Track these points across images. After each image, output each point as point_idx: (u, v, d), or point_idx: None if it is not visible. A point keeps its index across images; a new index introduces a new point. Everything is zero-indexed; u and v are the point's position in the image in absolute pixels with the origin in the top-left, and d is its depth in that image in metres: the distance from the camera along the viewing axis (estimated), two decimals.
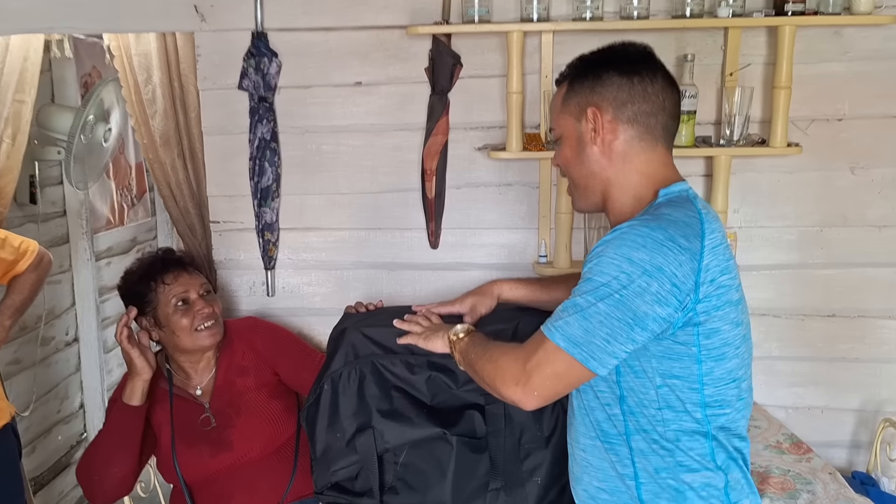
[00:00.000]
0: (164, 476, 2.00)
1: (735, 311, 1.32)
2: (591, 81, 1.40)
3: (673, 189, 1.37)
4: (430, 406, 1.68)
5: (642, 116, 1.37)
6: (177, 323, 1.96)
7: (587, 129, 1.39)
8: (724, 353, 1.31)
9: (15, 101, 2.45)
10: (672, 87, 1.40)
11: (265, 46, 2.21)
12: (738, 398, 1.36)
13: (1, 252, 2.19)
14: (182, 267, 2.02)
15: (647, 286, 1.23)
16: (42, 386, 3.22)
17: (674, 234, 1.25)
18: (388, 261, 2.38)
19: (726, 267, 1.30)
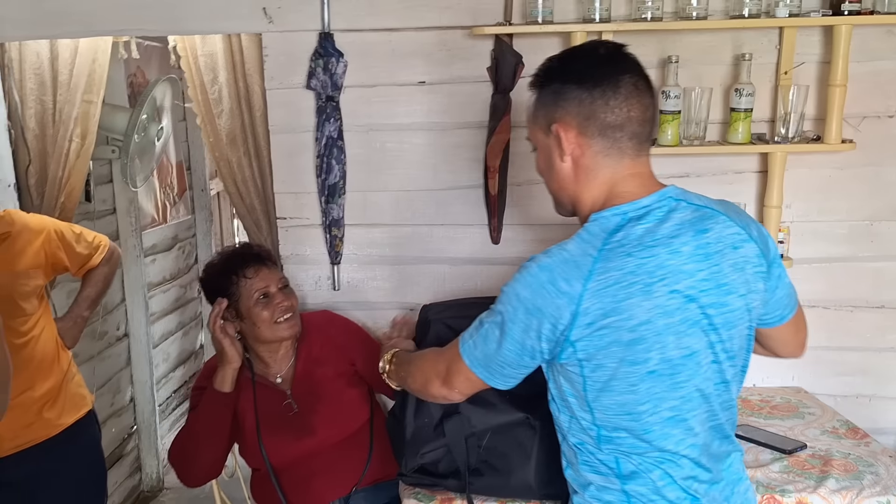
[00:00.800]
0: (248, 461, 2.08)
1: (626, 351, 1.30)
2: (553, 95, 1.36)
3: (604, 214, 1.34)
4: (513, 392, 1.75)
5: (608, 130, 1.33)
6: (258, 315, 2.04)
7: (554, 145, 1.37)
8: (611, 387, 1.33)
9: (84, 102, 2.52)
10: (640, 93, 1.34)
11: (332, 47, 2.29)
12: (638, 429, 1.35)
13: (77, 247, 2.26)
14: (261, 262, 2.10)
15: (530, 323, 1.32)
16: (97, 380, 3.31)
17: (556, 276, 1.29)
18: (451, 256, 2.45)
19: (616, 308, 1.27)
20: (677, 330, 1.31)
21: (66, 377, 2.25)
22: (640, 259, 1.29)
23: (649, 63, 2.26)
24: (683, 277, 1.31)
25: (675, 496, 1.38)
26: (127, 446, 3.65)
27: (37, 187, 2.52)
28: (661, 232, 1.31)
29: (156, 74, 3.77)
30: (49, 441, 2.16)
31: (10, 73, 2.46)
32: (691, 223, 1.33)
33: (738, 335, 1.39)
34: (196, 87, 2.49)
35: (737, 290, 1.36)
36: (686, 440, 1.36)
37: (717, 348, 1.36)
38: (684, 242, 1.31)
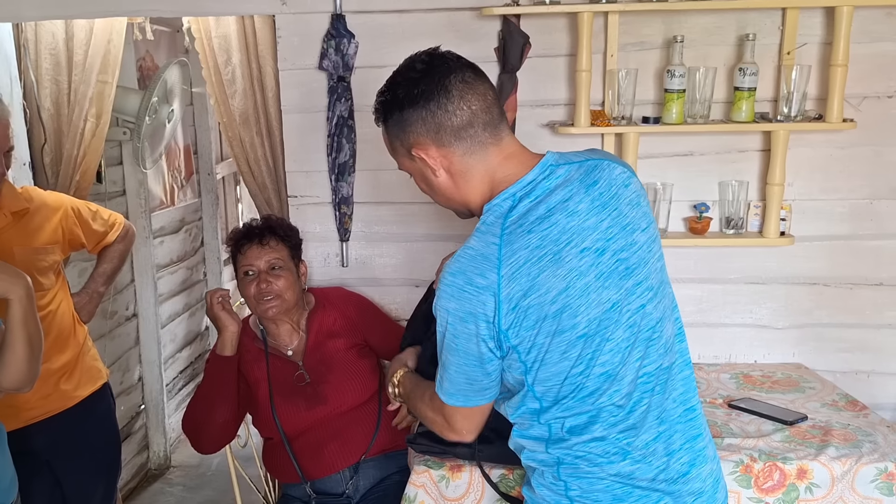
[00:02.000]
0: (261, 430, 2.14)
1: (552, 323, 1.33)
2: (397, 125, 1.40)
3: (494, 203, 1.37)
4: None
5: (461, 132, 1.36)
6: (244, 290, 2.12)
7: (422, 166, 1.41)
8: (546, 360, 1.36)
9: (98, 82, 2.56)
10: (471, 85, 1.37)
11: (344, 28, 2.33)
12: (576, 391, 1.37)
13: (93, 224, 2.31)
14: (258, 239, 2.13)
15: (469, 330, 1.34)
16: (107, 358, 3.35)
17: (471, 275, 1.32)
18: (458, 233, 2.49)
19: (533, 286, 1.31)
20: (595, 286, 1.34)
21: (82, 350, 2.30)
22: (542, 232, 1.32)
23: (654, 43, 2.34)
24: (589, 233, 1.34)
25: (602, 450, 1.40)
26: (135, 424, 3.70)
27: (52, 166, 2.57)
28: (554, 199, 1.34)
29: (164, 58, 3.81)
30: (66, 412, 2.21)
31: (25, 53, 2.51)
32: (580, 181, 1.36)
33: (653, 270, 1.41)
34: (210, 68, 2.53)
35: (639, 226, 1.39)
36: (621, 390, 1.38)
37: (638, 290, 1.38)
38: (579, 201, 1.34)
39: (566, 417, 1.40)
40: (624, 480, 1.40)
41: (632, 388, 1.39)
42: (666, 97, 2.26)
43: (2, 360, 1.61)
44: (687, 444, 1.44)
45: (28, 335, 1.60)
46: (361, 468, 2.10)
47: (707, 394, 2.24)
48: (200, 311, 4.52)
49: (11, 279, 1.56)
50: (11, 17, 2.41)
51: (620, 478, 1.40)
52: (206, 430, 2.08)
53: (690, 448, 1.44)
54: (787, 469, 1.84)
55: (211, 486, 3.63)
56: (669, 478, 1.41)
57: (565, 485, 1.42)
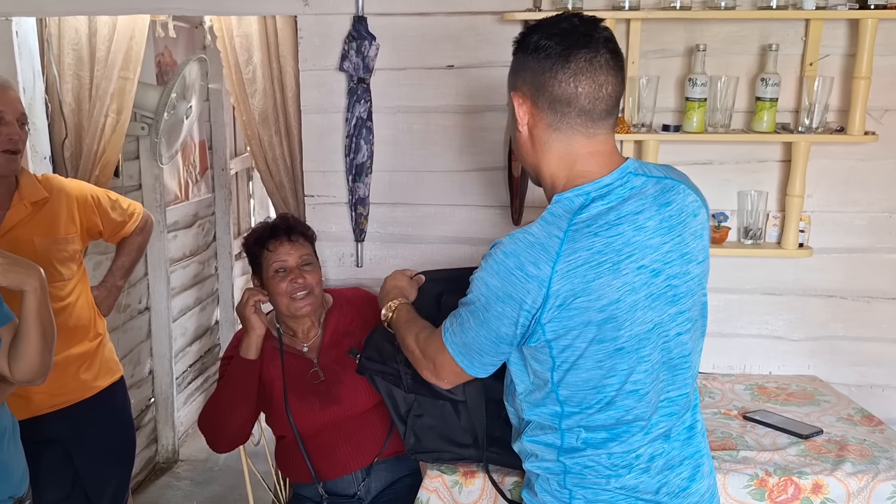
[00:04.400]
0: (274, 428, 2.14)
1: (596, 331, 1.32)
2: (517, 63, 1.37)
3: (565, 196, 1.34)
4: None
5: (556, 104, 1.33)
6: (275, 287, 2.10)
7: (514, 113, 1.39)
8: (578, 365, 1.35)
9: (120, 78, 2.57)
10: (596, 69, 1.31)
11: (365, 30, 2.33)
12: (602, 403, 1.38)
13: (112, 213, 2.31)
14: (286, 235, 2.13)
15: (503, 311, 1.33)
16: (120, 351, 3.36)
17: (524, 260, 1.29)
18: (472, 236, 2.50)
19: (586, 289, 1.29)
20: (643, 305, 1.33)
21: (101, 342, 2.32)
22: (608, 238, 1.30)
23: (676, 51, 2.33)
24: (649, 252, 1.33)
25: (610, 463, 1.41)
26: (144, 418, 3.72)
27: (72, 160, 2.58)
28: (626, 209, 1.32)
29: (183, 55, 3.82)
30: (85, 402, 2.23)
31: (49, 48, 2.52)
32: (654, 197, 1.35)
33: (696, 303, 1.42)
34: (231, 67, 2.53)
35: (696, 258, 1.39)
36: (646, 412, 1.39)
37: (680, 319, 1.39)
38: (649, 217, 1.33)
39: (585, 428, 1.40)
40: (628, 493, 1.41)
41: (653, 411, 1.40)
42: (687, 105, 2.26)
43: (16, 351, 1.62)
44: (687, 460, 1.46)
45: (42, 327, 1.61)
46: (374, 470, 2.10)
47: (722, 404, 2.24)
48: (211, 305, 4.54)
49: (26, 271, 1.57)
50: (36, 12, 2.42)
51: (625, 490, 1.41)
52: (225, 431, 2.08)
53: (690, 464, 1.46)
54: (802, 483, 1.83)
55: (218, 482, 3.64)
56: (671, 492, 1.43)
57: (570, 493, 1.43)
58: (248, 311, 2.06)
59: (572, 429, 1.41)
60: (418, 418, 1.87)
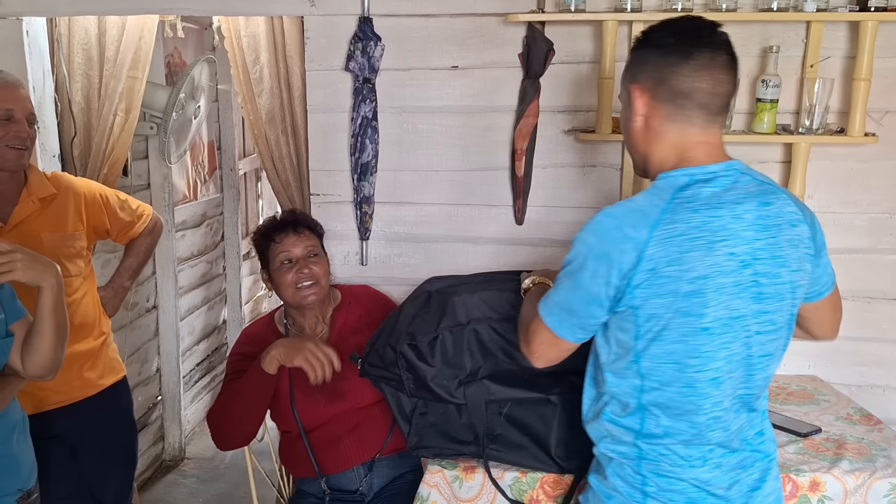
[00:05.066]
0: (279, 423, 2.17)
1: (683, 302, 1.36)
2: (637, 56, 1.46)
3: (672, 174, 1.41)
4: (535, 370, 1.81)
5: (676, 97, 1.41)
6: (281, 278, 2.13)
7: (630, 104, 1.47)
8: (663, 336, 1.39)
9: (129, 78, 2.61)
10: (714, 67, 1.39)
11: (371, 31, 2.36)
12: (682, 382, 1.41)
13: (121, 213, 2.35)
14: (292, 227, 2.18)
15: (596, 269, 1.38)
16: (127, 349, 3.41)
17: (623, 223, 1.36)
18: (475, 235, 2.52)
19: (679, 258, 1.34)
20: (729, 291, 1.38)
21: (105, 341, 2.35)
22: (706, 217, 1.36)
23: None
24: (742, 242, 1.38)
25: (688, 453, 1.45)
26: (151, 415, 3.75)
27: (80, 159, 2.61)
28: (727, 197, 1.39)
29: (192, 55, 3.87)
30: (89, 400, 2.26)
31: (58, 48, 2.56)
32: (755, 195, 1.41)
33: (783, 309, 1.45)
34: (238, 66, 2.57)
35: (789, 265, 1.43)
36: (722, 403, 1.43)
37: (762, 318, 1.43)
38: (747, 210, 1.39)
39: (664, 412, 1.44)
40: (701, 486, 1.46)
41: (729, 405, 1.44)
42: None
43: (30, 347, 1.65)
44: (758, 462, 1.51)
45: (57, 323, 1.64)
46: (376, 466, 2.12)
47: None
48: (218, 304, 4.58)
49: (45, 268, 1.61)
50: (46, 12, 2.46)
51: (698, 482, 1.46)
52: (233, 435, 2.09)
53: (760, 466, 1.51)
54: (799, 481, 1.84)
55: (224, 479, 3.67)
56: (742, 491, 1.48)
57: (643, 480, 1.47)
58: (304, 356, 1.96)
59: (652, 411, 1.44)
60: (422, 416, 1.89)
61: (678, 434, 1.44)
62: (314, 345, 1.97)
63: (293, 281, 2.12)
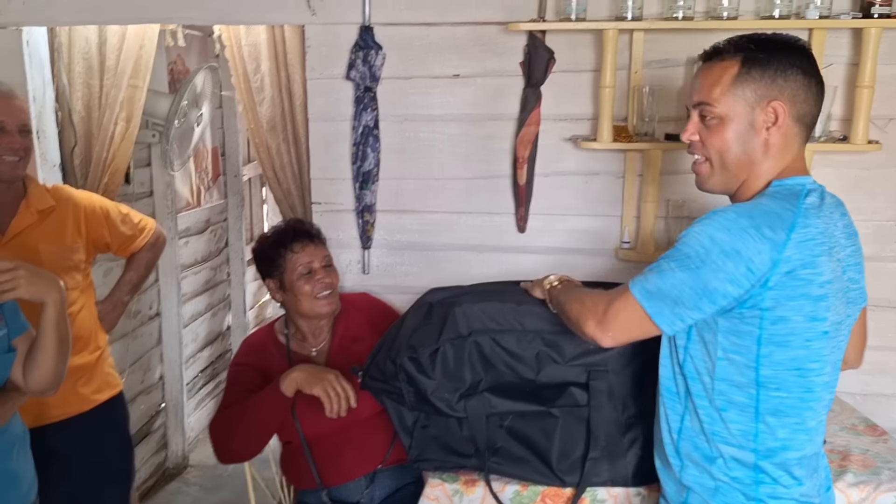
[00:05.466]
0: (280, 434, 2.16)
1: (812, 306, 1.38)
2: (773, 72, 1.43)
3: (787, 182, 1.44)
4: (536, 382, 1.80)
5: (807, 118, 1.45)
6: (300, 289, 2.12)
7: (762, 120, 1.43)
8: (788, 342, 1.39)
9: (129, 86, 2.61)
10: (820, 93, 1.47)
11: (372, 39, 2.36)
12: (802, 388, 1.42)
13: (122, 227, 2.34)
14: (310, 238, 2.18)
15: (722, 265, 1.35)
16: (129, 357, 3.41)
17: (760, 222, 1.35)
18: (477, 243, 2.52)
19: (812, 262, 1.36)
20: (840, 296, 1.43)
21: (101, 356, 2.32)
22: (826, 223, 1.41)
23: (679, 61, 2.35)
24: (841, 249, 1.45)
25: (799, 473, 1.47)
26: (154, 423, 3.75)
27: (81, 168, 2.62)
28: (825, 206, 1.45)
29: (195, 63, 3.87)
30: (84, 415, 2.24)
31: (59, 57, 2.56)
32: (836, 205, 1.50)
33: (856, 314, 1.53)
34: (239, 75, 2.57)
35: (862, 272, 1.51)
36: (826, 407, 1.48)
37: (848, 322, 1.49)
38: (838, 219, 1.47)
39: (783, 417, 1.43)
40: (805, 500, 1.48)
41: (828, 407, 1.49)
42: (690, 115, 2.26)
43: (32, 361, 1.65)
44: (824, 463, 1.57)
45: (59, 338, 1.64)
46: (378, 478, 2.11)
47: None
48: (222, 311, 4.58)
49: (48, 283, 1.61)
50: (46, 22, 2.46)
51: (806, 498, 1.48)
52: (236, 451, 2.07)
53: (826, 467, 1.58)
54: None
55: (228, 488, 3.67)
56: (821, 494, 1.53)
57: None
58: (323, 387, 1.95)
59: (768, 422, 1.43)
60: (424, 429, 1.88)
61: (797, 447, 1.45)
62: (335, 377, 1.96)
63: (313, 291, 2.12)
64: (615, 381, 1.76)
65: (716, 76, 1.47)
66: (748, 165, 1.47)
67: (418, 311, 1.90)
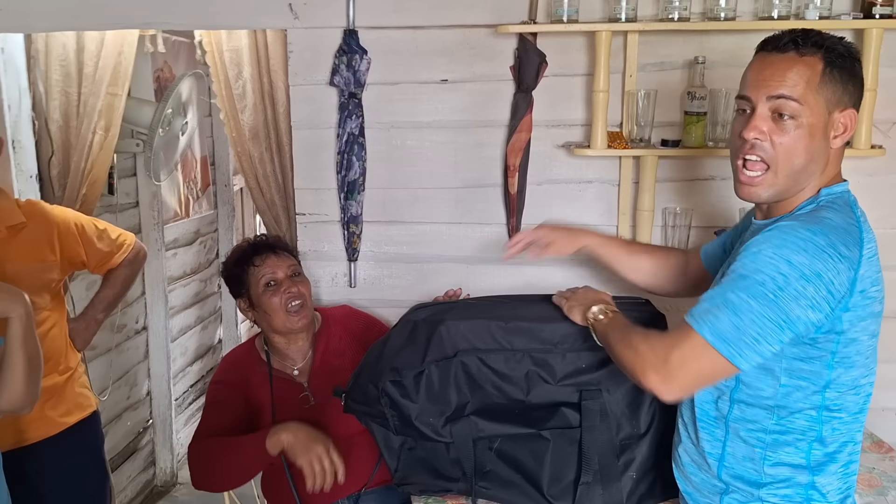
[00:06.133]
0: None
1: (875, 323, 1.34)
2: (849, 76, 1.35)
3: (835, 190, 1.38)
4: (526, 403, 1.71)
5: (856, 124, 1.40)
6: (267, 303, 2.04)
7: (834, 126, 1.35)
8: (854, 362, 1.34)
9: (108, 94, 2.53)
10: None
11: (356, 44, 2.28)
12: (857, 406, 1.39)
13: (99, 243, 2.24)
14: (271, 250, 2.11)
15: (804, 290, 1.23)
16: (114, 372, 3.32)
17: (835, 240, 1.26)
18: (468, 255, 2.43)
19: (876, 278, 1.32)
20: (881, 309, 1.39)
21: (71, 377, 2.21)
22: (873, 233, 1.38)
23: (675, 64, 2.28)
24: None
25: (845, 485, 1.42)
26: (142, 440, 3.66)
27: (59, 179, 2.54)
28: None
29: (183, 69, 3.79)
30: (53, 439, 2.13)
31: (35, 65, 2.48)
32: None
33: None
34: (221, 82, 2.49)
35: None
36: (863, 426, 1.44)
37: None
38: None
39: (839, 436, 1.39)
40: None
41: None
42: (686, 120, 2.19)
43: (1, 381, 1.57)
44: None
45: (28, 355, 1.57)
46: (362, 500, 2.02)
47: None
48: (213, 323, 4.50)
49: (12, 297, 1.54)
50: (22, 28, 2.38)
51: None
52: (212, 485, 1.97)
53: None
54: None
55: None
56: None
57: None
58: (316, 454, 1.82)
59: (826, 442, 1.37)
60: (411, 451, 1.79)
61: (849, 461, 1.41)
62: (325, 450, 1.81)
63: (282, 304, 2.04)
64: (609, 400, 1.67)
65: (800, 71, 1.32)
66: (808, 176, 1.36)
67: (402, 330, 1.81)
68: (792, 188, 1.37)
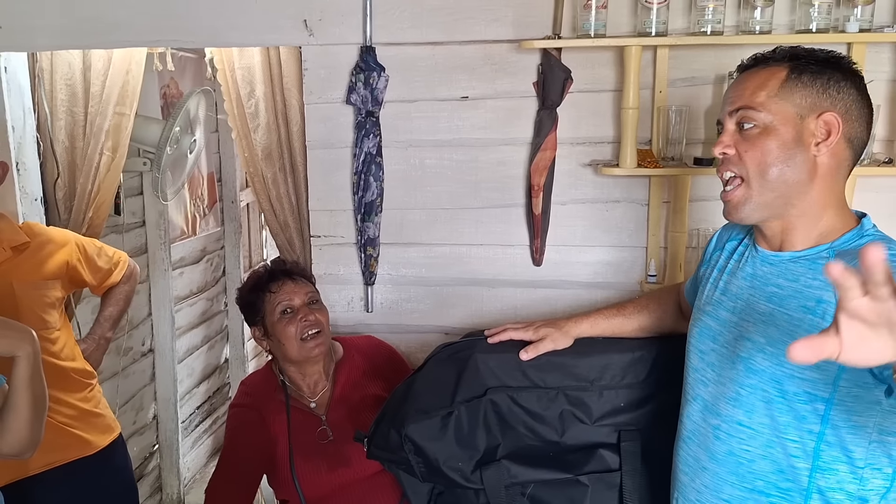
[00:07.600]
0: (278, 492, 1.99)
1: None
2: (826, 81, 1.27)
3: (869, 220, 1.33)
4: (561, 445, 1.61)
5: (857, 142, 1.29)
6: (282, 332, 1.95)
7: (812, 132, 1.27)
8: None
9: (116, 114, 2.45)
10: (872, 110, 1.32)
11: (374, 61, 2.19)
12: None
13: (98, 261, 2.22)
14: (288, 276, 2.02)
15: None
16: (121, 397, 3.23)
17: None
18: (490, 277, 2.34)
19: None
20: None
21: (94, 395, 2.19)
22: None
23: (705, 78, 2.18)
24: None
25: None
26: (148, 465, 3.56)
27: (64, 201, 2.45)
28: None
29: (190, 86, 3.71)
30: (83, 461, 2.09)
31: (40, 84, 2.40)
32: None
33: None
34: (232, 100, 2.40)
35: None
36: None
37: None
38: None
39: None
40: None
41: None
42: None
43: (3, 423, 1.47)
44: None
45: (33, 397, 1.47)
46: None
47: None
48: (220, 342, 4.40)
49: (19, 335, 1.44)
50: (26, 47, 2.30)
51: None
52: None
53: None
54: None
55: None
56: None
57: None
58: None
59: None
60: (440, 496, 1.68)
61: None
62: None
63: (297, 332, 1.94)
64: (649, 440, 1.57)
65: (760, 80, 1.30)
66: (794, 187, 1.28)
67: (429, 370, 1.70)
68: (778, 202, 1.30)
